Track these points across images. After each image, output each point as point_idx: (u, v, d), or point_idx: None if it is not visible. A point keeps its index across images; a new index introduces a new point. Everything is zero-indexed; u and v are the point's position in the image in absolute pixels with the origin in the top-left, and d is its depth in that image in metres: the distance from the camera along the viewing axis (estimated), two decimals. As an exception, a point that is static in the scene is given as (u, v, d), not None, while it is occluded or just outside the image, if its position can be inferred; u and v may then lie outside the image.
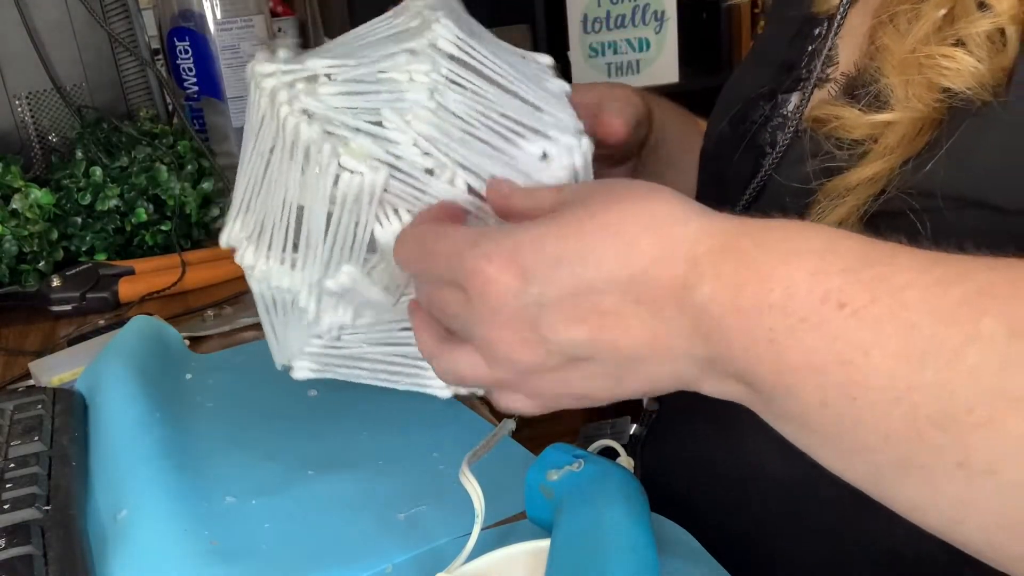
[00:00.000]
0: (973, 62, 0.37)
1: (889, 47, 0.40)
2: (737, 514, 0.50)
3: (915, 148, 0.40)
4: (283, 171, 0.43)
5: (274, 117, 0.43)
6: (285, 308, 0.46)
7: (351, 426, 0.55)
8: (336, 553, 0.43)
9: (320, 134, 0.40)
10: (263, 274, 0.45)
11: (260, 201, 0.45)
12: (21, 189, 0.81)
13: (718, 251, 0.30)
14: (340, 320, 0.44)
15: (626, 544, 0.36)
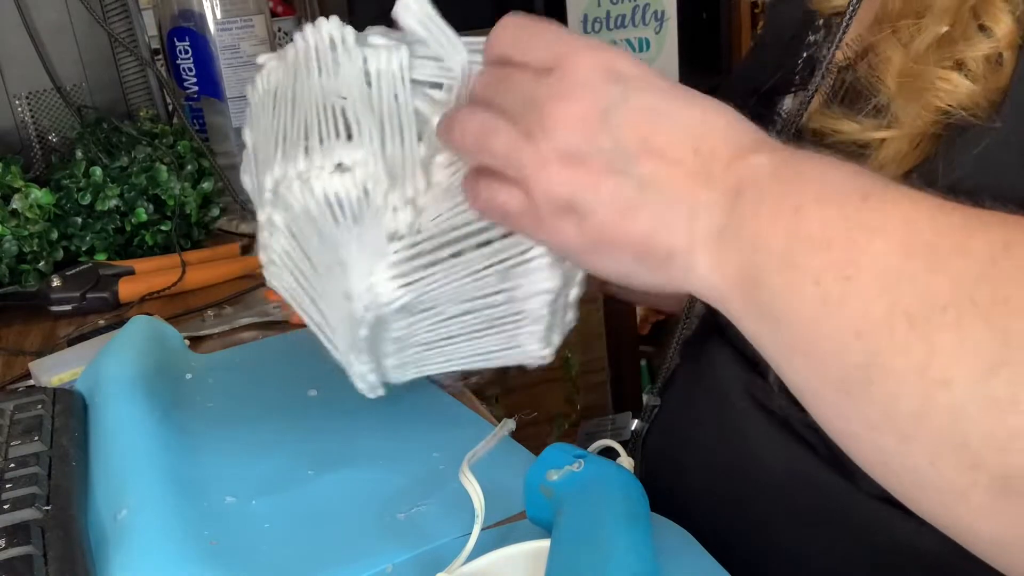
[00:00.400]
0: (970, 84, 0.38)
1: (891, 59, 0.41)
2: (738, 511, 0.50)
3: (910, 162, 0.40)
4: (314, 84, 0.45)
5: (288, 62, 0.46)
6: (352, 206, 0.43)
7: (351, 426, 0.55)
8: (336, 553, 0.43)
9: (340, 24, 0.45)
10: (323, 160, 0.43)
11: (295, 122, 0.45)
12: (21, 189, 0.81)
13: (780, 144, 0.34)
14: (415, 185, 0.43)
15: (626, 544, 0.36)
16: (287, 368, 0.64)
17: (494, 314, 0.46)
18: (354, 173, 0.43)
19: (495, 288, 0.45)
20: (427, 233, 0.43)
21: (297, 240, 0.47)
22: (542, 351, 0.48)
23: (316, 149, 0.43)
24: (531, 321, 0.47)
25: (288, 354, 0.66)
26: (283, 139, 0.45)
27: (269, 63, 0.48)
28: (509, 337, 0.47)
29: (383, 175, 0.43)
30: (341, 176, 0.43)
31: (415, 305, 0.45)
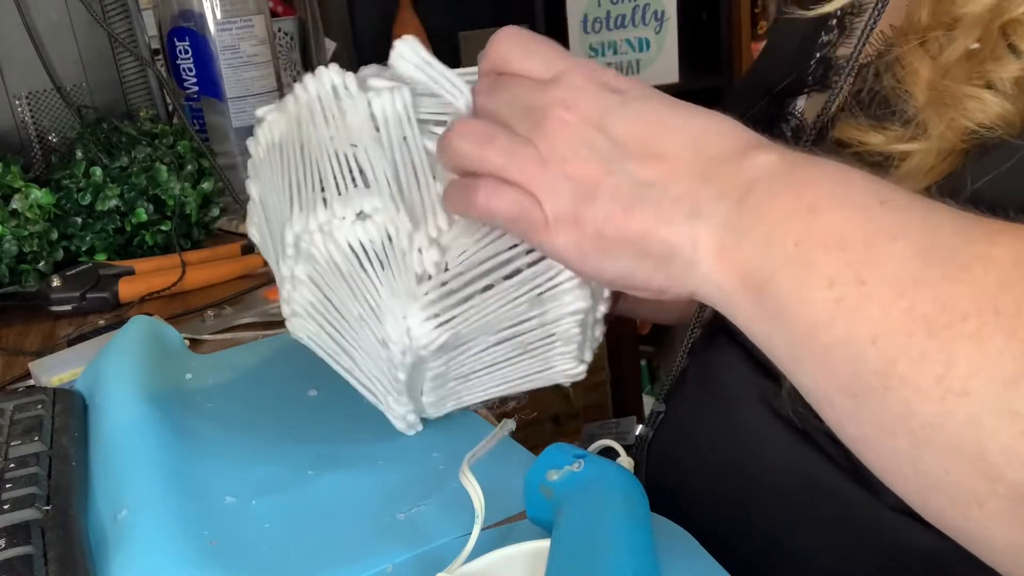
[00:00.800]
0: (1001, 103, 0.37)
1: (919, 71, 0.40)
2: (743, 515, 0.50)
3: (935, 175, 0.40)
4: (322, 135, 0.45)
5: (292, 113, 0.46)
6: (378, 253, 0.44)
7: (351, 426, 0.55)
8: (336, 553, 0.43)
9: (340, 72, 0.45)
10: (343, 209, 0.43)
11: (308, 178, 0.45)
12: (21, 189, 0.81)
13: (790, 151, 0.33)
14: (437, 224, 0.43)
15: (626, 544, 0.36)
16: (287, 368, 0.64)
17: (527, 339, 0.47)
18: (375, 219, 0.43)
19: (526, 315, 0.46)
20: (455, 270, 0.44)
21: (322, 291, 0.47)
22: (575, 369, 0.49)
23: (334, 199, 0.43)
24: (563, 342, 0.48)
25: (288, 354, 0.66)
26: (297, 192, 0.45)
27: (269, 116, 0.48)
28: (543, 360, 0.49)
29: (404, 218, 0.43)
30: (363, 224, 0.43)
31: (451, 343, 0.46)
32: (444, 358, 0.47)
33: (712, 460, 0.53)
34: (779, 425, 0.48)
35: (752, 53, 2.10)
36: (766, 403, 0.49)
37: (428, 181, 0.43)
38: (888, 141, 0.41)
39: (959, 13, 0.39)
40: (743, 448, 0.50)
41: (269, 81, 1.00)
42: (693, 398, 0.55)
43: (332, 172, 0.44)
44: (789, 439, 0.47)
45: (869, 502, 0.44)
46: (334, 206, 0.43)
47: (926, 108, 0.40)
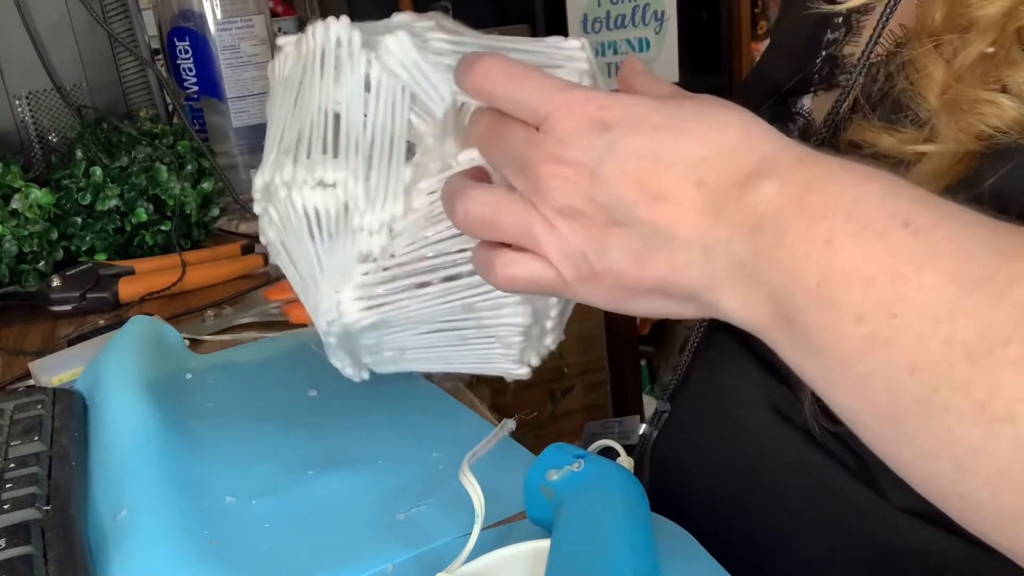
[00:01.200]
0: (1017, 106, 0.36)
1: (932, 74, 0.40)
2: (744, 515, 0.50)
3: (949, 178, 0.39)
4: (314, 87, 0.44)
5: (300, 55, 0.46)
6: (330, 222, 0.44)
7: (351, 426, 0.55)
8: (336, 553, 0.43)
9: (349, 27, 0.44)
10: (306, 174, 0.43)
11: (293, 125, 0.45)
12: (21, 189, 0.81)
13: (799, 160, 0.31)
14: (392, 211, 0.43)
15: (626, 544, 0.36)
16: (287, 368, 0.64)
17: (465, 335, 0.47)
18: (335, 191, 0.43)
19: (462, 316, 0.46)
20: (398, 259, 0.44)
21: (282, 235, 0.48)
22: (517, 370, 0.49)
23: (301, 162, 0.44)
24: (503, 346, 0.47)
25: (288, 354, 0.66)
26: (280, 137, 0.46)
27: (286, 48, 0.48)
28: (483, 354, 0.48)
29: (362, 197, 0.43)
30: (323, 192, 0.43)
31: (381, 324, 0.46)
32: (376, 333, 0.47)
33: (715, 460, 0.53)
34: (784, 426, 0.48)
35: (752, 53, 2.10)
36: (770, 404, 0.48)
37: (399, 162, 0.43)
38: (901, 143, 0.40)
39: (974, 16, 0.38)
40: (746, 448, 0.50)
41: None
42: (696, 398, 0.55)
43: (310, 129, 0.44)
44: (794, 441, 0.47)
45: (877, 504, 0.44)
46: (299, 168, 0.44)
47: (940, 111, 0.39)
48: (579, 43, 0.46)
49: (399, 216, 0.43)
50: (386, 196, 0.43)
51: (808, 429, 0.46)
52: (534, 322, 0.46)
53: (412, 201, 0.43)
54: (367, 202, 0.43)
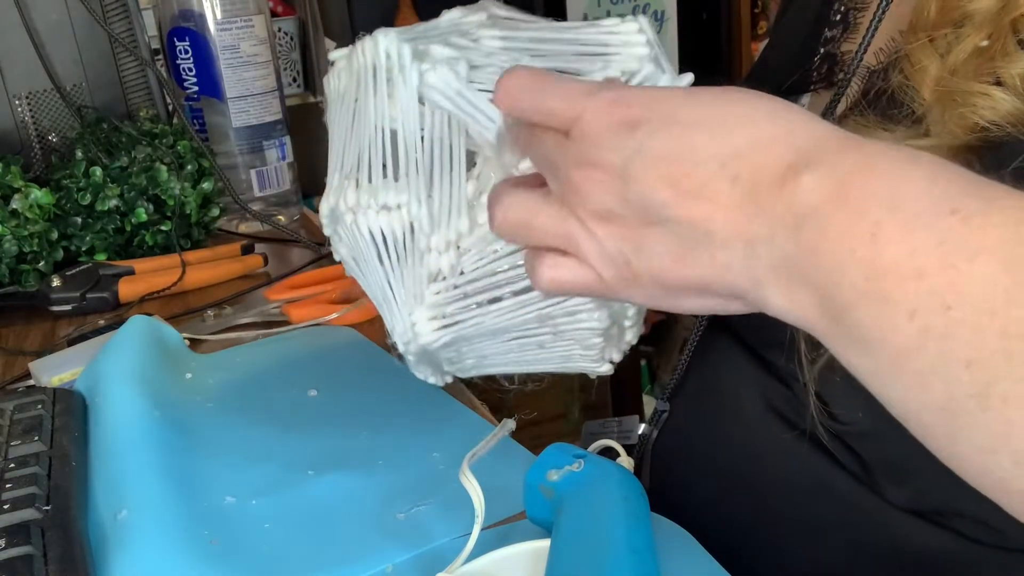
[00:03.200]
0: (1012, 100, 0.36)
1: (927, 69, 0.40)
2: (744, 516, 0.50)
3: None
4: (369, 105, 0.44)
5: (353, 69, 0.45)
6: (397, 245, 0.44)
7: (351, 426, 0.55)
8: (336, 553, 0.43)
9: (398, 42, 0.42)
10: (369, 199, 0.43)
11: (352, 146, 0.45)
12: (21, 189, 0.81)
13: (838, 147, 0.29)
14: (457, 228, 0.42)
15: (626, 544, 0.36)
16: (287, 368, 0.64)
17: (543, 340, 0.47)
18: (399, 213, 0.43)
19: (538, 327, 0.46)
20: (468, 276, 0.44)
21: (353, 254, 0.48)
22: (599, 368, 0.48)
23: (364, 187, 0.44)
24: (582, 348, 0.47)
25: (288, 354, 0.66)
26: (341, 158, 0.46)
27: (339, 62, 0.47)
28: (562, 356, 0.48)
29: (426, 218, 0.43)
30: (388, 215, 0.43)
31: (458, 340, 0.46)
32: (453, 348, 0.47)
33: (714, 459, 0.53)
34: (782, 426, 0.48)
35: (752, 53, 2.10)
36: (768, 404, 0.48)
37: (460, 178, 0.42)
38: (896, 139, 0.40)
39: (968, 9, 0.38)
40: (744, 448, 0.50)
41: (269, 81, 1.00)
42: (695, 398, 0.55)
43: (369, 150, 0.44)
44: (792, 440, 0.47)
45: (876, 504, 0.44)
46: (362, 193, 0.43)
47: (935, 105, 0.39)
48: (636, 25, 0.44)
49: (465, 233, 0.42)
50: (450, 214, 0.42)
51: (805, 429, 0.46)
52: (611, 324, 0.46)
53: (477, 216, 0.42)
54: (432, 223, 0.43)
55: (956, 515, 0.42)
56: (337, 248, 0.48)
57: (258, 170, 1.01)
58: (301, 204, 1.09)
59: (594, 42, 0.44)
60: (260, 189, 1.02)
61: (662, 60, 0.45)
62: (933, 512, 0.43)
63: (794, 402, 0.47)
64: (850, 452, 0.45)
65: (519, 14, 0.47)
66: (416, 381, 0.59)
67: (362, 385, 0.60)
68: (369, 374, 0.62)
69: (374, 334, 0.68)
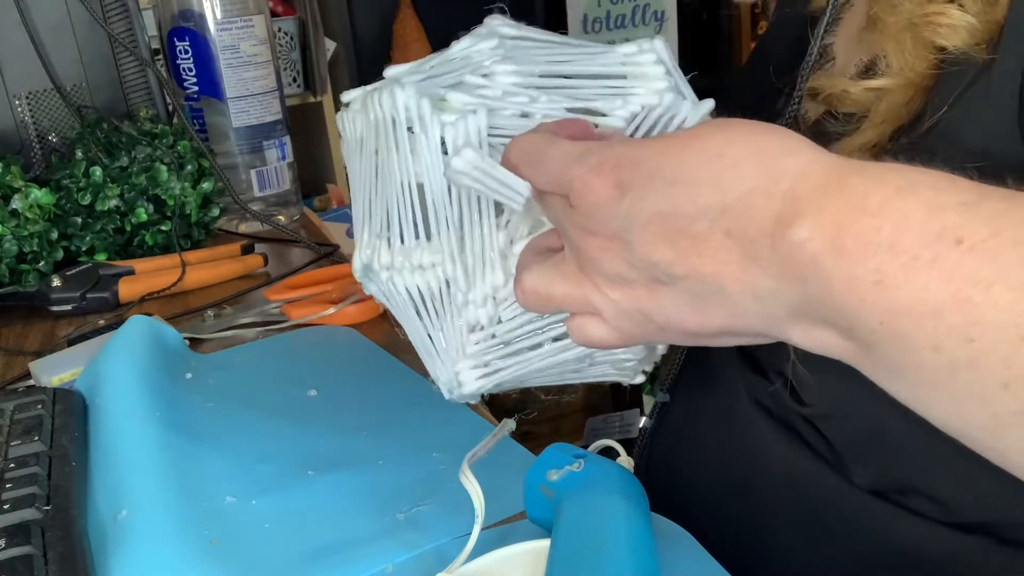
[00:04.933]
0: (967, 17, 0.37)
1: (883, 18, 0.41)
2: (738, 510, 0.50)
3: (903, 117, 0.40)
4: (392, 161, 0.44)
5: (370, 118, 0.45)
6: (434, 300, 0.45)
7: (351, 426, 0.55)
8: (336, 553, 0.43)
9: (416, 96, 0.42)
10: (403, 260, 0.44)
11: (379, 202, 0.45)
12: (21, 189, 0.81)
13: (823, 188, 0.28)
14: (492, 282, 0.43)
15: (626, 544, 0.36)
16: (287, 368, 0.64)
17: (580, 368, 0.48)
18: (436, 271, 0.44)
19: (576, 365, 0.47)
20: (506, 326, 0.44)
21: (389, 304, 0.48)
22: (632, 379, 0.49)
23: (397, 248, 0.44)
24: (616, 369, 0.48)
25: (288, 354, 0.66)
26: (368, 218, 0.46)
27: (353, 104, 0.47)
28: (597, 374, 0.49)
29: (461, 276, 0.43)
30: (423, 273, 0.44)
31: (500, 384, 0.47)
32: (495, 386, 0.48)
33: (708, 455, 0.53)
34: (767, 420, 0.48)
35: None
36: (751, 395, 0.49)
37: (491, 231, 0.43)
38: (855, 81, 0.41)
39: None
40: (736, 440, 0.51)
41: (269, 81, 1.00)
42: (691, 392, 0.56)
43: (398, 208, 0.44)
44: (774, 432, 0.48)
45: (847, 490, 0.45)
46: (395, 253, 0.44)
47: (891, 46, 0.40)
48: (653, 56, 0.44)
49: (500, 285, 0.43)
50: (484, 268, 0.43)
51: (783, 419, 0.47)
52: (645, 357, 0.47)
53: (510, 266, 0.43)
54: (467, 279, 0.43)
55: (912, 492, 0.43)
56: (370, 290, 0.49)
57: (258, 170, 1.01)
58: (301, 204, 1.09)
59: (611, 74, 0.44)
60: (260, 189, 1.02)
61: (682, 86, 0.44)
62: (894, 491, 0.44)
63: (776, 395, 0.47)
64: (821, 438, 0.46)
65: (528, 31, 0.46)
66: (416, 381, 0.59)
67: (362, 385, 0.60)
68: (369, 374, 0.62)
69: (374, 334, 0.68)
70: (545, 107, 0.43)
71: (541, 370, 0.46)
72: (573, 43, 0.46)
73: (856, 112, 0.42)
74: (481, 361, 0.45)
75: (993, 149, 0.36)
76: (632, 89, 0.43)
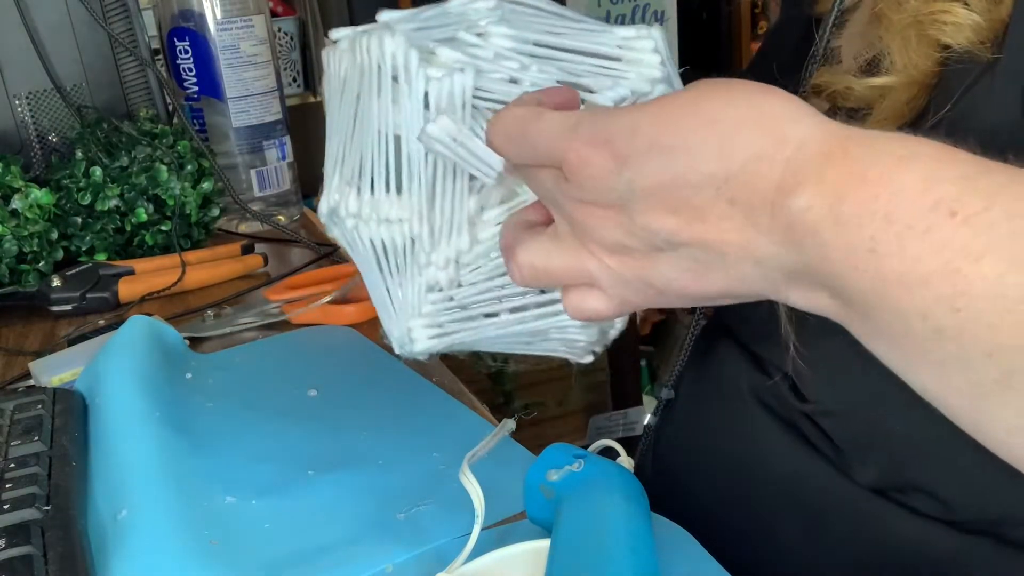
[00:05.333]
0: (972, 15, 0.37)
1: (888, 15, 0.41)
2: (741, 509, 0.50)
3: (906, 115, 0.40)
4: (373, 107, 0.43)
5: (356, 60, 0.44)
6: (397, 255, 0.44)
7: (351, 426, 0.55)
8: (336, 553, 0.43)
9: (405, 45, 0.41)
10: (371, 211, 0.44)
11: (354, 147, 0.44)
12: (21, 189, 0.81)
13: (824, 156, 0.29)
14: (457, 246, 0.42)
15: (626, 544, 0.36)
16: (287, 368, 0.64)
17: (531, 341, 0.47)
18: (402, 226, 0.43)
19: (528, 338, 0.46)
20: (466, 290, 0.44)
21: (351, 250, 0.48)
22: (582, 359, 0.49)
23: (367, 198, 0.43)
24: (566, 346, 0.48)
25: (288, 354, 0.66)
26: (342, 157, 0.45)
27: (341, 43, 0.46)
28: (548, 349, 0.48)
29: (426, 235, 0.43)
30: (389, 227, 0.43)
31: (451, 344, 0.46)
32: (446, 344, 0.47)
33: (712, 453, 0.53)
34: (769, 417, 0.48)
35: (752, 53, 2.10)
36: (755, 394, 0.49)
37: (463, 195, 0.42)
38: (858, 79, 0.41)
39: None
40: (741, 444, 0.51)
41: (269, 81, 1.00)
42: (695, 390, 0.56)
43: (372, 157, 0.43)
44: (777, 430, 0.48)
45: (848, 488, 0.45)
46: (363, 204, 0.43)
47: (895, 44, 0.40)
48: (651, 43, 0.43)
49: (465, 250, 0.43)
50: (451, 231, 0.42)
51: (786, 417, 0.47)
52: (598, 339, 0.47)
53: (478, 233, 0.42)
54: (432, 240, 0.43)
55: (913, 490, 0.43)
56: (338, 240, 0.49)
57: (258, 170, 1.01)
58: (301, 204, 1.09)
59: (606, 55, 0.43)
60: (260, 189, 1.02)
61: (674, 78, 0.44)
62: (895, 489, 0.44)
63: (777, 392, 0.47)
64: (823, 435, 0.46)
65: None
66: (416, 381, 0.59)
67: (362, 385, 0.60)
68: (369, 374, 0.62)
69: (374, 334, 0.68)
70: (535, 75, 0.41)
71: (493, 338, 0.46)
72: (572, 17, 0.45)
73: (860, 109, 0.42)
74: (435, 321, 0.45)
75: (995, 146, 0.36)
76: (625, 72, 0.42)
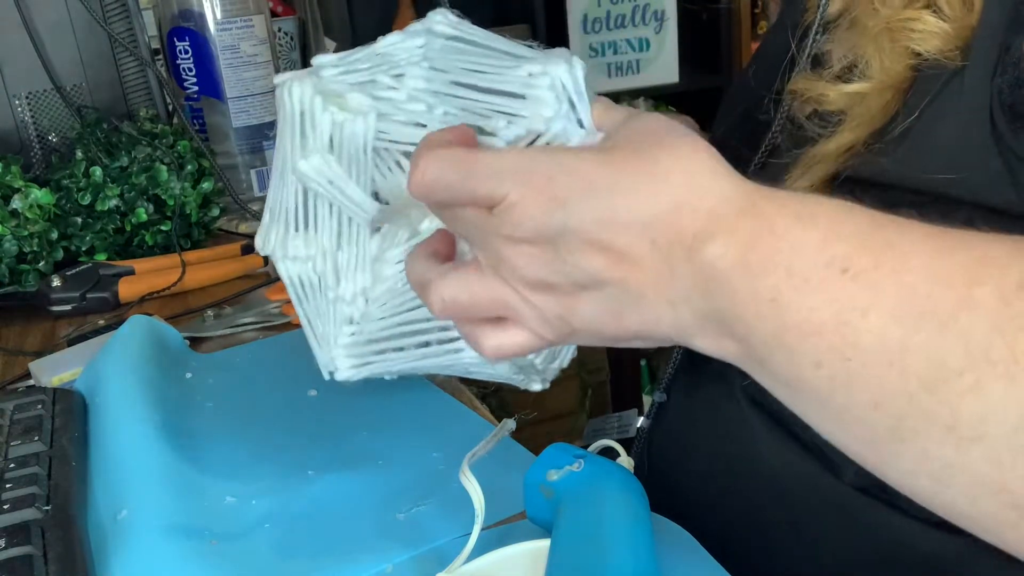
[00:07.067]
0: (941, 23, 0.38)
1: (863, 21, 0.42)
2: (737, 508, 0.51)
3: (879, 121, 0.41)
4: (287, 148, 0.45)
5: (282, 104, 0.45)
6: (314, 290, 0.47)
7: (351, 426, 0.55)
8: (336, 553, 0.43)
9: (312, 92, 0.43)
10: (282, 250, 0.47)
11: (279, 186, 0.47)
12: (21, 189, 0.81)
13: (740, 211, 0.31)
14: (361, 283, 0.46)
15: (626, 544, 0.36)
16: (287, 368, 0.64)
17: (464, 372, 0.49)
18: (308, 263, 0.46)
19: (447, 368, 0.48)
20: (377, 325, 0.46)
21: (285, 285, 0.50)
22: (532, 387, 0.49)
23: (280, 236, 0.47)
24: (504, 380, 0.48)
25: (288, 354, 0.66)
26: (273, 202, 0.48)
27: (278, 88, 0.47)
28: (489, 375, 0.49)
29: (331, 273, 0.46)
30: (297, 264, 0.47)
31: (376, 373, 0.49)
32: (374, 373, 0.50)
33: (706, 453, 0.53)
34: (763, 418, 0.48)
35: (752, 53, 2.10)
36: (752, 399, 0.49)
37: (365, 233, 0.45)
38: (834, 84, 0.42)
39: None
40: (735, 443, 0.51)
41: (269, 81, 1.00)
42: (688, 391, 0.56)
43: (284, 197, 0.46)
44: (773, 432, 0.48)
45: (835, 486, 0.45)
46: (277, 243, 0.47)
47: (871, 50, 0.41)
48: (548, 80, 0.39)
49: (368, 287, 0.46)
50: (356, 268, 0.45)
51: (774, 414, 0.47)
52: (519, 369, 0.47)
53: (382, 270, 0.45)
54: (336, 277, 0.46)
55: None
56: None
57: (258, 170, 1.01)
58: (301, 204, 1.09)
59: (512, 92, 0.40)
60: (260, 189, 1.02)
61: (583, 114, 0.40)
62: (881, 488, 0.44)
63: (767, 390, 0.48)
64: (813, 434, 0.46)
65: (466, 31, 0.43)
66: (416, 382, 0.59)
67: (362, 385, 0.60)
68: (369, 374, 0.62)
69: (374, 334, 0.68)
70: (440, 118, 0.42)
71: (420, 367, 0.48)
72: (500, 50, 0.42)
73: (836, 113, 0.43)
74: (354, 352, 0.47)
75: (963, 153, 0.37)
76: (520, 111, 0.40)
